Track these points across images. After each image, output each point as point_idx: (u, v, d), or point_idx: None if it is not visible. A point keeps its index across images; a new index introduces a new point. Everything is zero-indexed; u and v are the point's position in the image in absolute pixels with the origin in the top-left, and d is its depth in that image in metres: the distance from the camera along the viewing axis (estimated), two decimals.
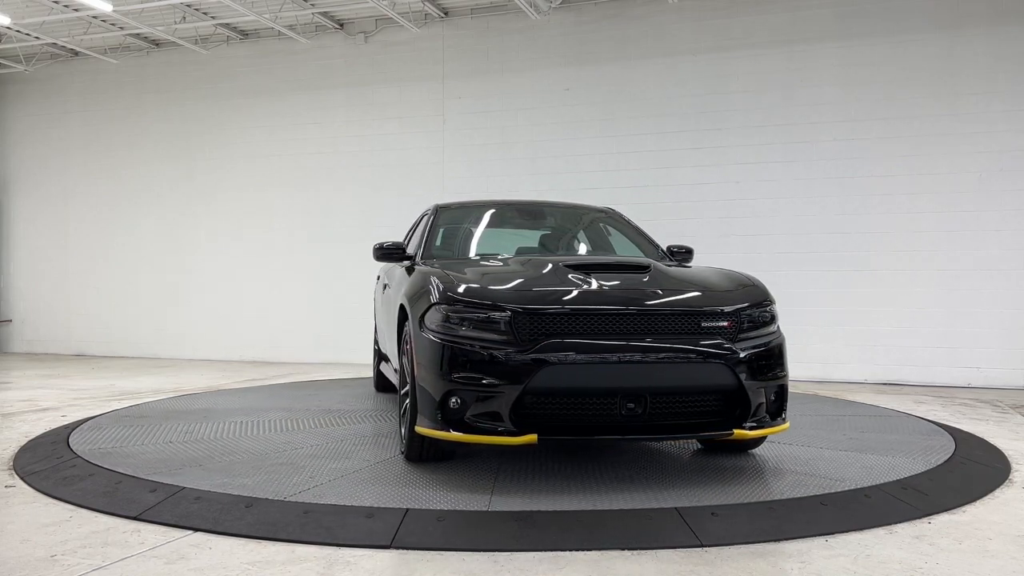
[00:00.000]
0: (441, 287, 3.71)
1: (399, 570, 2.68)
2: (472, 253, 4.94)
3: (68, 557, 2.79)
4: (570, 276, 3.88)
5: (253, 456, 4.13)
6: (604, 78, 9.21)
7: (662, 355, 3.52)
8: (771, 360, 3.74)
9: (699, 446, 4.43)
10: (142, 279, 11.25)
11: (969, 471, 4.04)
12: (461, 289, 3.66)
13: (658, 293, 3.75)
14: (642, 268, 4.10)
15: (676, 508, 3.20)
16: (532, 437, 3.39)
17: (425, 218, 5.47)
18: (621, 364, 3.47)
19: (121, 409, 5.89)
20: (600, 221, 5.54)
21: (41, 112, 11.83)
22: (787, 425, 3.88)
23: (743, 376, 3.59)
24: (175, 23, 10.02)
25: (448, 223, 5.19)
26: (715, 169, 8.75)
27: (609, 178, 9.06)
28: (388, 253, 4.78)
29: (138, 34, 10.60)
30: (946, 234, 8.01)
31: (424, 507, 3.20)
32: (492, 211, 5.58)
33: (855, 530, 3.08)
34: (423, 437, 3.72)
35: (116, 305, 11.39)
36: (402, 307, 4.12)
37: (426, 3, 9.34)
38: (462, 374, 3.46)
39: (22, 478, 3.92)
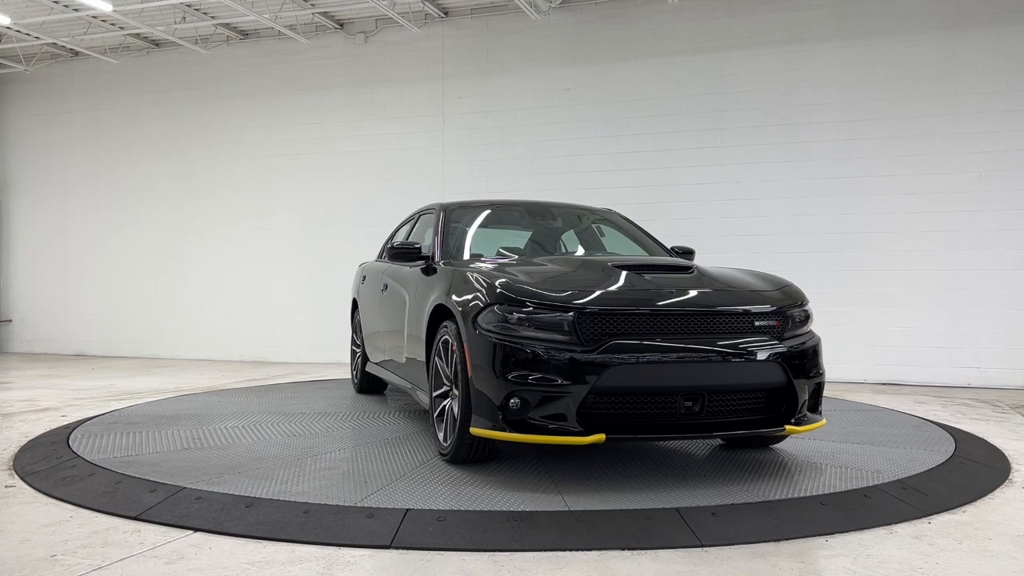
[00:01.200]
0: (499, 288, 3.67)
1: (399, 570, 2.68)
2: (491, 253, 4.92)
3: (68, 557, 2.79)
4: (625, 276, 3.90)
5: (287, 462, 4.03)
6: (604, 78, 9.21)
7: (722, 354, 3.58)
8: (813, 358, 3.87)
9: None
10: (142, 279, 11.25)
11: (969, 471, 4.04)
12: (521, 289, 3.64)
13: (712, 294, 3.83)
14: (685, 269, 4.15)
15: (676, 508, 3.20)
16: (600, 437, 3.40)
17: (429, 217, 5.45)
18: (682, 364, 3.52)
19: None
20: (607, 222, 5.59)
21: (41, 112, 11.83)
22: (824, 421, 3.97)
23: (792, 373, 3.69)
24: (175, 23, 10.02)
25: (460, 223, 5.13)
26: (715, 169, 8.75)
27: (609, 178, 9.06)
28: (403, 253, 4.74)
29: (138, 34, 10.61)
30: (946, 234, 8.01)
31: (424, 507, 3.20)
32: (501, 211, 5.58)
33: (855, 530, 3.08)
34: (474, 438, 3.69)
35: (116, 305, 11.39)
36: (440, 308, 4.07)
37: (426, 3, 9.34)
38: (526, 374, 3.44)
39: (22, 478, 3.92)
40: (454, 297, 3.90)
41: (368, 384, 6.42)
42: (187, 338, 10.96)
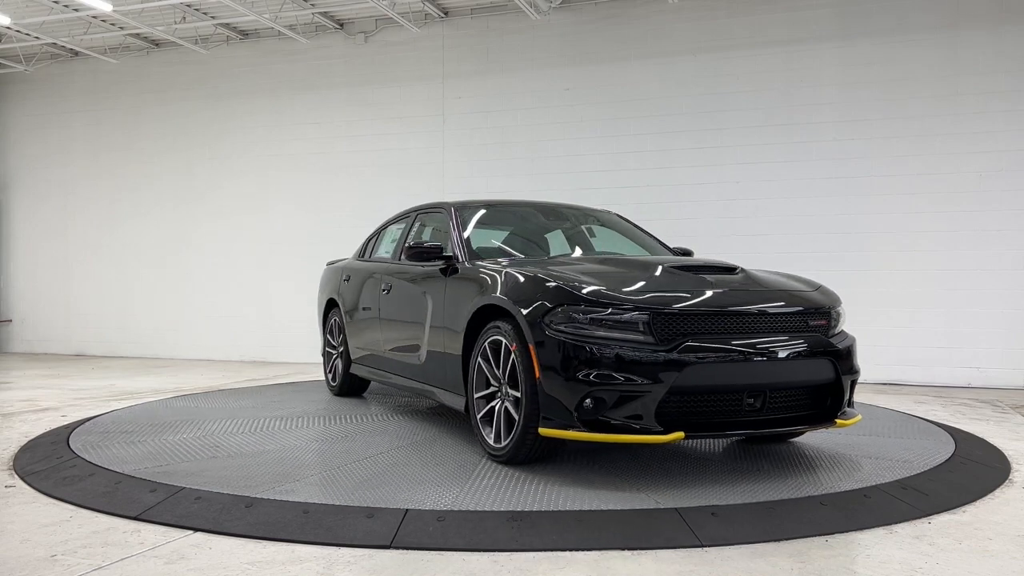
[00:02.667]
0: (569, 288, 3.67)
1: (399, 570, 2.68)
2: (512, 253, 4.88)
3: (68, 557, 2.79)
4: (688, 277, 3.98)
5: (334, 467, 3.90)
6: (604, 78, 9.21)
7: (785, 352, 3.70)
8: (852, 356, 4.04)
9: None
10: (142, 279, 11.26)
11: (969, 471, 4.04)
12: (594, 290, 3.65)
13: (771, 294, 3.94)
14: (732, 270, 4.20)
15: (676, 508, 3.20)
16: (679, 435, 3.45)
17: (434, 216, 5.44)
18: (751, 362, 3.61)
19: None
20: (610, 224, 5.66)
21: (41, 112, 11.84)
22: (860, 416, 4.10)
23: (840, 370, 3.85)
24: (175, 23, 10.02)
25: (473, 223, 5.07)
26: (715, 169, 8.75)
27: (609, 178, 9.06)
28: (423, 252, 4.68)
29: (138, 34, 10.61)
30: (946, 234, 8.01)
31: (424, 507, 3.20)
32: (511, 210, 5.57)
33: (855, 530, 3.08)
34: (538, 438, 3.68)
35: (116, 305, 11.40)
36: (487, 308, 4.03)
37: (426, 3, 9.34)
38: (603, 374, 3.45)
39: (22, 478, 3.91)
40: (510, 297, 3.86)
41: (349, 387, 6.30)
42: (187, 338, 10.96)
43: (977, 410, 6.31)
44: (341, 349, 6.32)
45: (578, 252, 5.25)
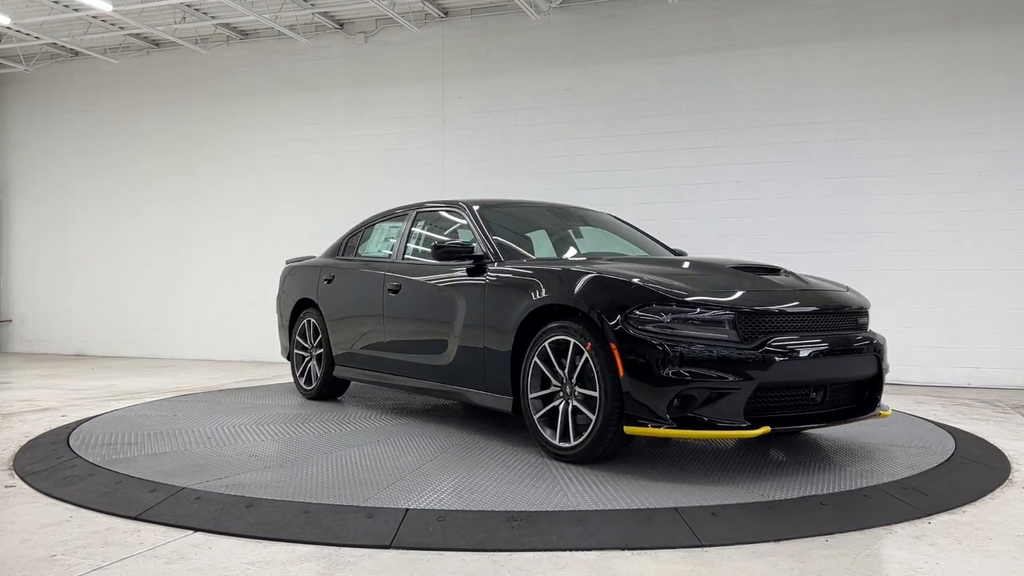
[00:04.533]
0: (654, 288, 3.74)
1: (399, 570, 2.68)
2: (534, 253, 4.89)
3: (68, 557, 2.79)
4: (753, 278, 4.10)
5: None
6: (604, 78, 9.21)
7: (846, 349, 3.92)
8: (885, 352, 4.24)
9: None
10: (142, 279, 11.26)
11: (969, 471, 4.04)
12: (678, 291, 3.73)
13: (827, 294, 4.14)
14: (776, 271, 4.30)
15: (676, 508, 3.20)
16: (766, 429, 3.57)
17: (440, 215, 5.43)
18: (818, 359, 3.79)
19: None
20: (610, 225, 5.69)
21: (41, 112, 11.84)
22: (891, 409, 4.39)
23: (881, 364, 4.11)
24: (175, 23, 10.02)
25: (494, 223, 5.02)
26: (715, 169, 8.75)
27: (609, 178, 9.06)
28: (452, 253, 4.62)
29: (138, 34, 10.61)
30: (946, 234, 8.00)
31: (424, 507, 3.20)
32: (519, 211, 5.56)
33: (855, 530, 3.08)
34: (618, 437, 3.74)
35: (116, 305, 11.40)
36: (544, 308, 4.05)
37: (426, 3, 9.34)
38: (694, 372, 3.53)
39: (22, 478, 3.91)
40: (583, 297, 3.86)
41: (329, 390, 6.14)
42: (187, 338, 10.96)
43: (977, 410, 6.31)
44: (319, 352, 6.14)
45: (575, 253, 5.25)
